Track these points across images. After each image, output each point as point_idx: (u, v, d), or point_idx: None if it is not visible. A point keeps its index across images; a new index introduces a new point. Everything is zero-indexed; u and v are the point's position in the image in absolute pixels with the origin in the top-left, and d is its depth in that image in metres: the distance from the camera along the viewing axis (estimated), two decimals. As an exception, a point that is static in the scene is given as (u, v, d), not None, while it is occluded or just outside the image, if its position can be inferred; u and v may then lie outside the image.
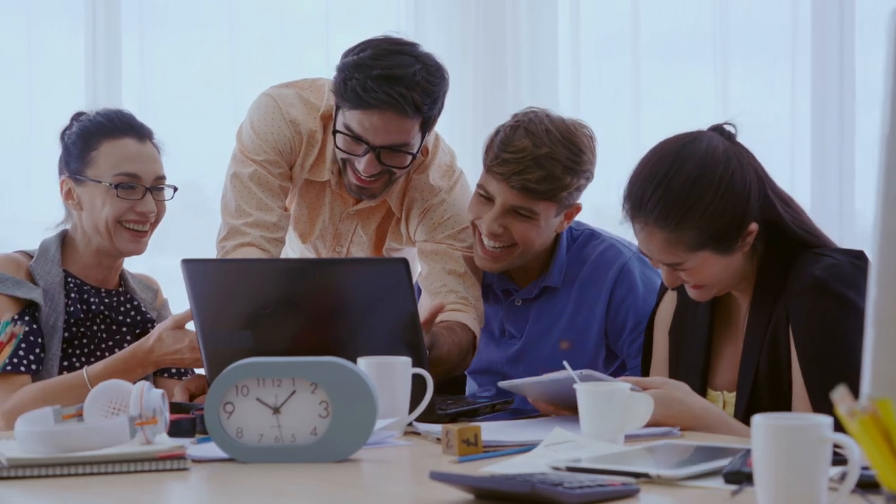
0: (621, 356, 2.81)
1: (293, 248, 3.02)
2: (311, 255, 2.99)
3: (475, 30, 4.33)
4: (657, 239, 2.32)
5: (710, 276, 2.35)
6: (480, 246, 2.77)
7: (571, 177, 2.70)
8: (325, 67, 4.01)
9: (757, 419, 1.54)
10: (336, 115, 2.74)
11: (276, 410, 2.00)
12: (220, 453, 2.01)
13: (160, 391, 2.00)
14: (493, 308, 2.88)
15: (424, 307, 2.67)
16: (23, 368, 2.58)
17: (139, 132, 2.72)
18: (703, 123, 4.32)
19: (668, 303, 2.55)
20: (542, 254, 2.84)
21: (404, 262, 2.32)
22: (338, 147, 2.74)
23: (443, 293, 2.82)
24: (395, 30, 2.76)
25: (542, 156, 2.67)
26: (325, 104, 2.81)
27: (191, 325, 2.81)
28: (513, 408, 2.56)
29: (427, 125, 2.72)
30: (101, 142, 2.68)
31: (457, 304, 2.80)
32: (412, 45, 2.71)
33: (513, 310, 2.85)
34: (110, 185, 2.65)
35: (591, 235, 2.88)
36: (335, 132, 2.73)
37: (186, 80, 4.04)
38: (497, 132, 2.75)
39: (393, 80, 2.62)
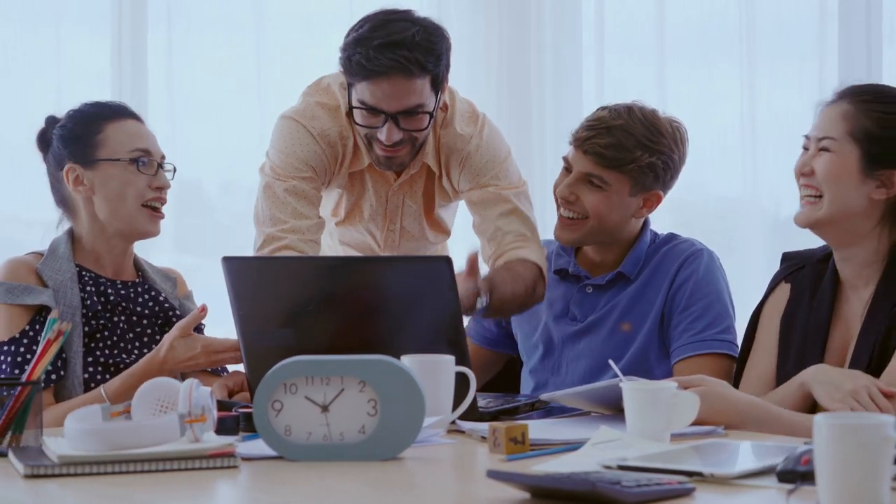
0: (668, 342, 2.82)
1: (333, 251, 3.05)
2: (353, 251, 3.05)
3: (499, 31, 4.33)
4: (838, 110, 2.43)
5: (838, 180, 2.41)
6: (559, 216, 2.86)
7: (643, 152, 2.77)
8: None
9: (819, 418, 1.54)
10: (350, 95, 2.78)
11: (325, 408, 2.00)
12: (269, 451, 2.01)
13: (208, 389, 2.00)
14: (565, 288, 2.91)
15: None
16: (42, 385, 2.54)
17: (135, 115, 2.75)
18: (729, 125, 4.32)
19: (781, 294, 2.59)
20: (621, 248, 2.88)
21: (447, 260, 2.32)
22: (357, 123, 2.79)
23: (498, 237, 2.87)
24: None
25: (615, 126, 2.77)
26: (343, 100, 2.85)
27: (212, 322, 2.83)
28: (551, 406, 2.55)
29: (437, 83, 2.78)
30: (103, 125, 2.69)
31: (514, 242, 2.86)
32: (408, 12, 2.79)
33: (582, 294, 2.88)
34: (129, 160, 2.66)
35: (672, 235, 2.94)
36: (351, 108, 2.78)
37: (211, 77, 4.04)
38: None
39: (394, 46, 2.68)
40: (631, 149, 2.75)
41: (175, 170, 2.74)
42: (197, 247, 4.05)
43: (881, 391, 2.29)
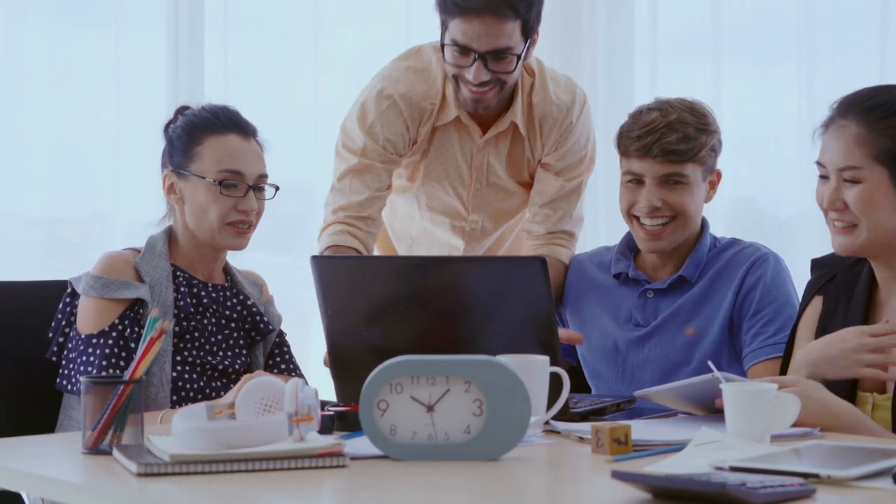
0: (738, 347, 2.83)
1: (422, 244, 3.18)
2: (443, 218, 3.18)
3: (551, 34, 4.32)
4: (849, 135, 2.34)
5: (873, 207, 2.34)
6: (641, 229, 2.87)
7: (704, 136, 2.84)
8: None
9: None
10: (442, 34, 2.91)
11: (430, 408, 2.00)
12: (373, 450, 2.01)
13: (313, 388, 2.00)
14: (626, 293, 2.92)
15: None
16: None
17: (244, 129, 2.73)
18: (786, 124, 4.29)
19: (814, 309, 2.55)
20: (681, 251, 2.90)
21: (541, 261, 2.31)
22: (447, 63, 2.93)
23: (552, 221, 3.13)
24: None
25: (672, 121, 2.82)
26: (436, 58, 2.99)
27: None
28: (635, 406, 2.56)
29: (527, 30, 2.90)
30: (205, 137, 2.69)
31: (560, 238, 3.14)
32: None
33: (644, 299, 2.90)
34: (214, 181, 2.65)
35: (735, 240, 2.96)
36: (443, 47, 2.91)
37: (268, 77, 4.05)
38: (623, 124, 2.90)
39: None
40: (695, 136, 2.81)
41: (277, 189, 2.73)
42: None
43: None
